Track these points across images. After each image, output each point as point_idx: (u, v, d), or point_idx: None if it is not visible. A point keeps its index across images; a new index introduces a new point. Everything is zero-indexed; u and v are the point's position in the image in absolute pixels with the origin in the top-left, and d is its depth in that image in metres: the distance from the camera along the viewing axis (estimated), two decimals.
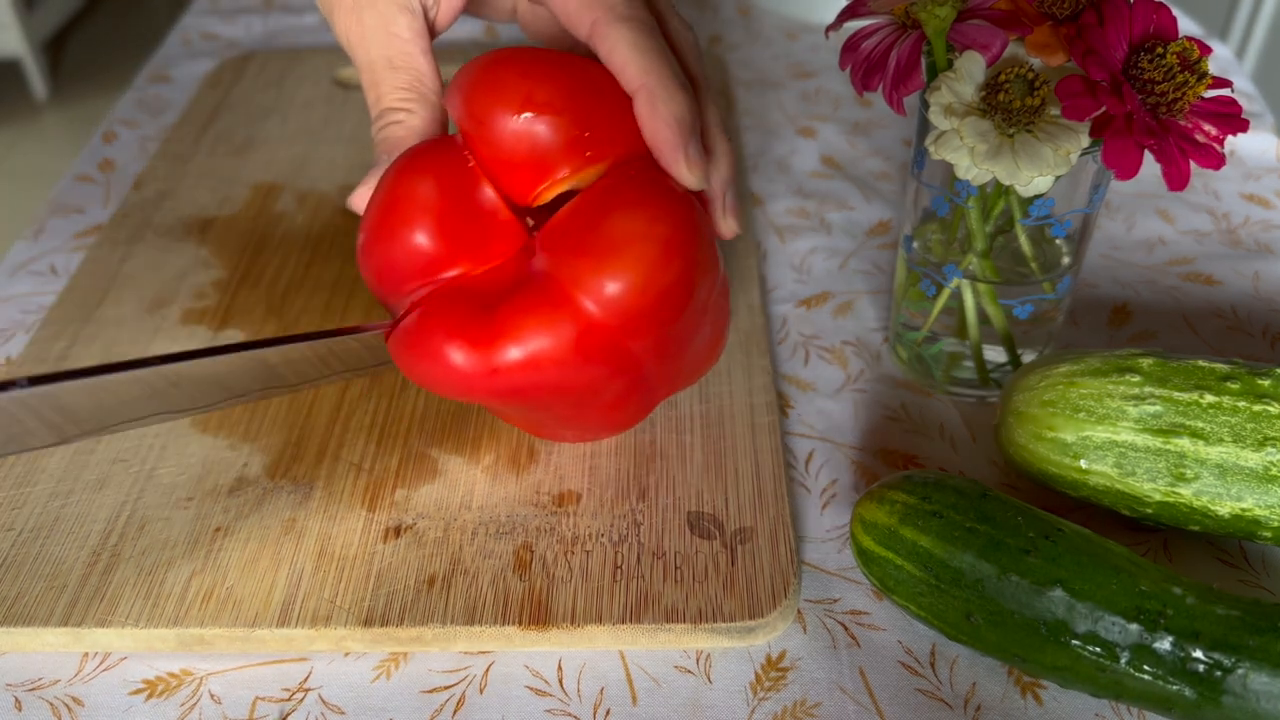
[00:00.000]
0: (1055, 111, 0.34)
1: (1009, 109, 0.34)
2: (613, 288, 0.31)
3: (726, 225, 0.36)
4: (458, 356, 0.31)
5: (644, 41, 0.33)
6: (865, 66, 0.36)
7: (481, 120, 0.33)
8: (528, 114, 0.32)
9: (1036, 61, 0.35)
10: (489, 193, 0.34)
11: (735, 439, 0.40)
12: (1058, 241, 0.41)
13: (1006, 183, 0.34)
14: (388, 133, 0.37)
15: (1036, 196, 0.37)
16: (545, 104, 0.32)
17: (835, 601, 0.36)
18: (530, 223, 0.35)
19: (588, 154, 0.33)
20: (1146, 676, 0.30)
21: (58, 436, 0.33)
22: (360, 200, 0.37)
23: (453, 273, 0.33)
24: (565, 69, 0.33)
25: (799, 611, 0.36)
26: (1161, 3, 0.34)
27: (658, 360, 0.34)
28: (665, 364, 0.35)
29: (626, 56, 0.32)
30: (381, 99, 0.37)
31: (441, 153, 0.34)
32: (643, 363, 0.34)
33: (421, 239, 0.33)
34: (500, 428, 0.41)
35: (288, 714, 0.33)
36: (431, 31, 0.37)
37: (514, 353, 0.31)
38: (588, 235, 0.32)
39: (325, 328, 0.46)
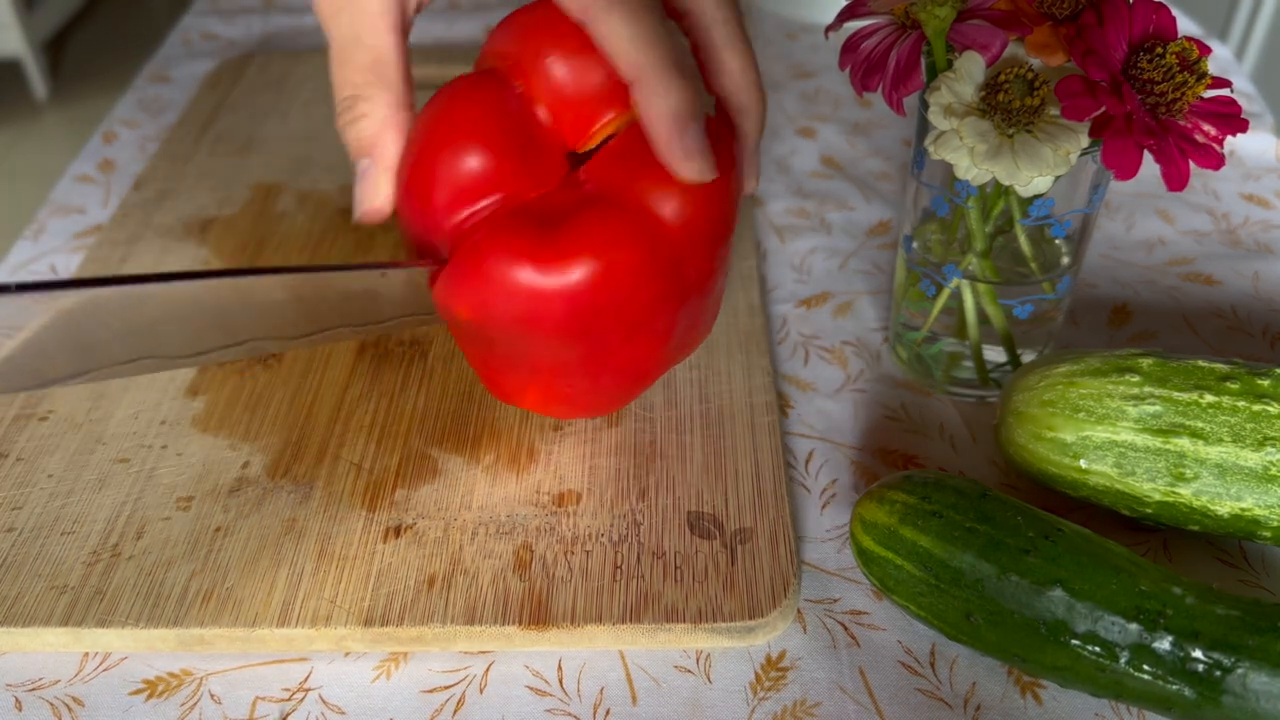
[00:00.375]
0: (1055, 111, 0.34)
1: (1009, 109, 0.34)
2: (681, 198, 0.32)
3: (747, 183, 0.36)
4: (527, 275, 0.31)
5: (635, 29, 0.31)
6: (865, 67, 0.36)
7: (535, 60, 0.33)
8: (582, 56, 0.33)
9: (1036, 62, 0.35)
10: (542, 113, 0.34)
11: (735, 439, 0.40)
12: (1057, 241, 0.41)
13: (1006, 183, 0.34)
14: (355, 131, 0.35)
15: (1036, 196, 0.37)
16: (589, 44, 0.33)
17: (835, 601, 0.36)
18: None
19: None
20: (1146, 676, 0.30)
21: (39, 379, 0.32)
22: (371, 204, 0.35)
23: (497, 197, 0.33)
24: None
25: (799, 611, 0.36)
26: (1161, 3, 0.34)
27: (698, 293, 0.35)
28: (701, 300, 0.36)
29: (617, 48, 0.31)
30: (344, 84, 0.35)
31: (488, 80, 0.34)
32: (689, 291, 0.35)
33: (475, 161, 0.33)
34: (500, 427, 0.41)
35: (288, 714, 0.33)
36: (416, 7, 0.36)
37: (587, 266, 0.31)
38: (653, 153, 0.33)
39: None
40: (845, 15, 0.37)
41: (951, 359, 0.44)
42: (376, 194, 0.35)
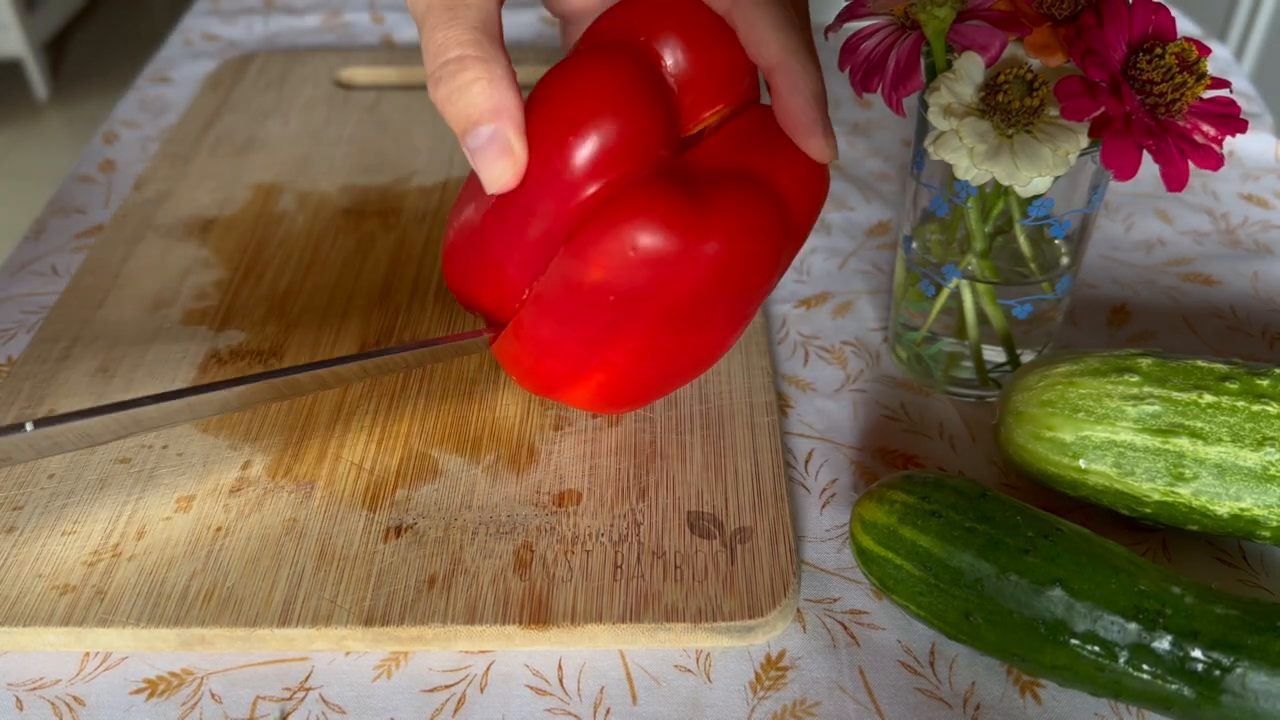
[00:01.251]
0: (1054, 112, 0.34)
1: (1008, 109, 0.34)
2: (795, 183, 0.33)
3: (829, 149, 0.36)
4: (672, 241, 0.31)
5: (780, 16, 0.32)
6: (864, 68, 0.36)
7: (655, 42, 0.33)
8: (701, 45, 0.33)
9: (1035, 62, 0.35)
10: (671, 82, 0.34)
11: (735, 439, 0.40)
12: (1057, 242, 0.41)
13: (1005, 183, 0.34)
14: (468, 96, 0.31)
15: (1035, 197, 0.37)
16: (718, 38, 0.33)
17: (835, 601, 0.36)
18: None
19: (743, 85, 0.34)
20: (1145, 676, 0.30)
21: (92, 441, 0.35)
22: (513, 169, 0.32)
23: (636, 164, 0.32)
24: (699, 6, 0.34)
25: (798, 611, 0.36)
26: (1160, 3, 0.34)
27: (778, 279, 0.36)
28: (774, 287, 0.37)
29: (767, 34, 0.32)
30: (447, 45, 0.30)
31: (621, 49, 0.33)
32: (780, 275, 0.36)
33: (622, 125, 0.31)
34: (500, 427, 0.41)
35: (288, 713, 0.33)
36: None
37: (730, 238, 0.32)
38: (778, 137, 0.34)
39: (325, 328, 0.46)
40: (845, 16, 0.37)
41: (951, 359, 0.44)
42: (515, 157, 0.31)
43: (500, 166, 0.31)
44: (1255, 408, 0.34)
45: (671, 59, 0.33)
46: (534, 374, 0.37)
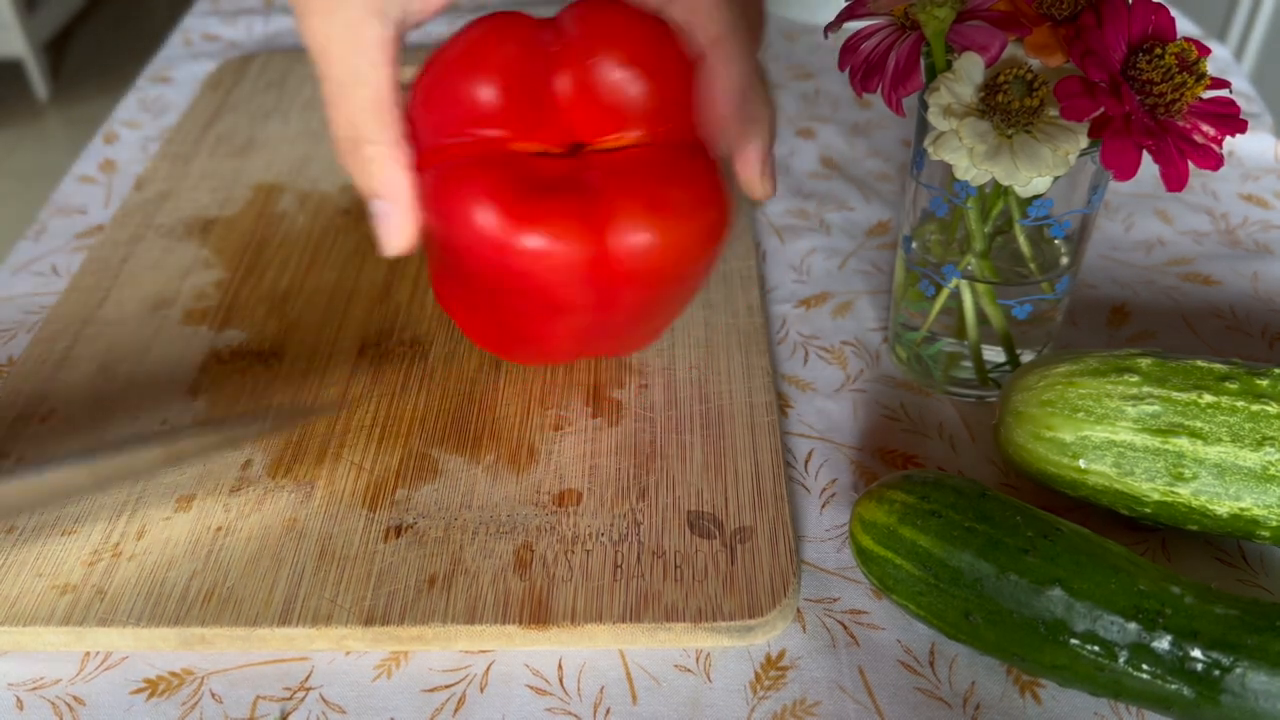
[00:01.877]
0: (1054, 112, 0.34)
1: (1008, 110, 0.34)
2: (646, 238, 0.34)
3: (764, 188, 0.37)
4: (488, 218, 0.33)
5: (721, 6, 0.34)
6: (864, 68, 0.36)
7: (585, 55, 0.34)
8: (629, 71, 0.34)
9: (1035, 62, 0.35)
10: (564, 81, 0.35)
11: (735, 439, 0.40)
12: (1056, 242, 0.41)
13: (1005, 183, 0.34)
14: (365, 174, 0.35)
15: (1035, 197, 0.37)
16: (649, 66, 0.34)
17: (835, 601, 0.36)
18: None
19: (665, 127, 0.35)
20: (1145, 675, 0.30)
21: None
22: (398, 245, 0.36)
23: (496, 132, 0.35)
24: (667, 37, 0.35)
25: (798, 611, 0.36)
26: (1160, 3, 0.34)
27: (614, 316, 0.37)
28: (622, 323, 0.38)
29: (700, 21, 0.34)
30: (343, 123, 0.35)
31: (525, 29, 0.35)
32: (615, 312, 0.36)
33: (486, 92, 0.34)
34: (500, 427, 0.41)
35: (289, 713, 0.33)
36: (406, 25, 0.36)
37: (534, 240, 0.33)
38: (652, 182, 0.34)
39: (325, 328, 0.46)
40: (845, 16, 0.37)
41: (951, 359, 0.44)
42: (402, 234, 0.36)
43: (391, 240, 0.36)
44: (1255, 408, 0.34)
45: (600, 73, 0.34)
46: (434, 282, 0.40)
